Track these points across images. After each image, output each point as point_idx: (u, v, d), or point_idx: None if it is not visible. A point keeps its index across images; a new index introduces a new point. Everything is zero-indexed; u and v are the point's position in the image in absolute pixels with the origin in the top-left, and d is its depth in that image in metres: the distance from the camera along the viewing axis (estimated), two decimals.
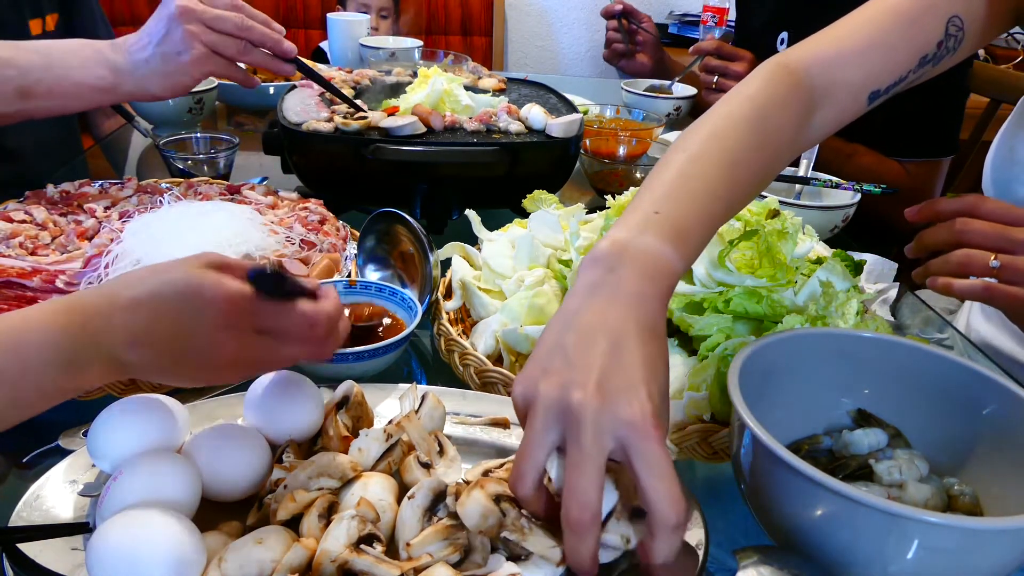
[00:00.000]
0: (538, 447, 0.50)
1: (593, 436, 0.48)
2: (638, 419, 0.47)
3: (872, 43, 0.76)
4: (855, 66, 0.75)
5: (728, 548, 0.57)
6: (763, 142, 0.68)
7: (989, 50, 2.58)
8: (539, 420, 0.50)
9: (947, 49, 0.78)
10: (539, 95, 1.28)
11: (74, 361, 0.51)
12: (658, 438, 0.48)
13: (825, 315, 0.75)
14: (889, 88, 0.77)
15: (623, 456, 0.48)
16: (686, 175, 0.63)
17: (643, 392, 0.49)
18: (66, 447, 0.65)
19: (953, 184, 1.81)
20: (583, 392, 0.48)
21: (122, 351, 0.53)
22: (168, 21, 0.98)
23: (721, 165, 0.64)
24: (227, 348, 0.55)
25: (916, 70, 0.78)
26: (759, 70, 0.74)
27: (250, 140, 1.37)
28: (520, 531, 0.52)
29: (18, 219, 0.95)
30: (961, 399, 0.64)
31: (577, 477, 0.48)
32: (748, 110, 0.69)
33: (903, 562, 0.50)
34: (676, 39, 2.97)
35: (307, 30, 2.87)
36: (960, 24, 0.78)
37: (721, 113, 0.69)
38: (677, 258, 0.57)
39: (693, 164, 0.64)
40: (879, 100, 0.78)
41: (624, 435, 0.48)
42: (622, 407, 0.48)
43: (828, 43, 0.76)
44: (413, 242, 0.88)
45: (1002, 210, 0.75)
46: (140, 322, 0.53)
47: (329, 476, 0.58)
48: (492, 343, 0.80)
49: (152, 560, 0.48)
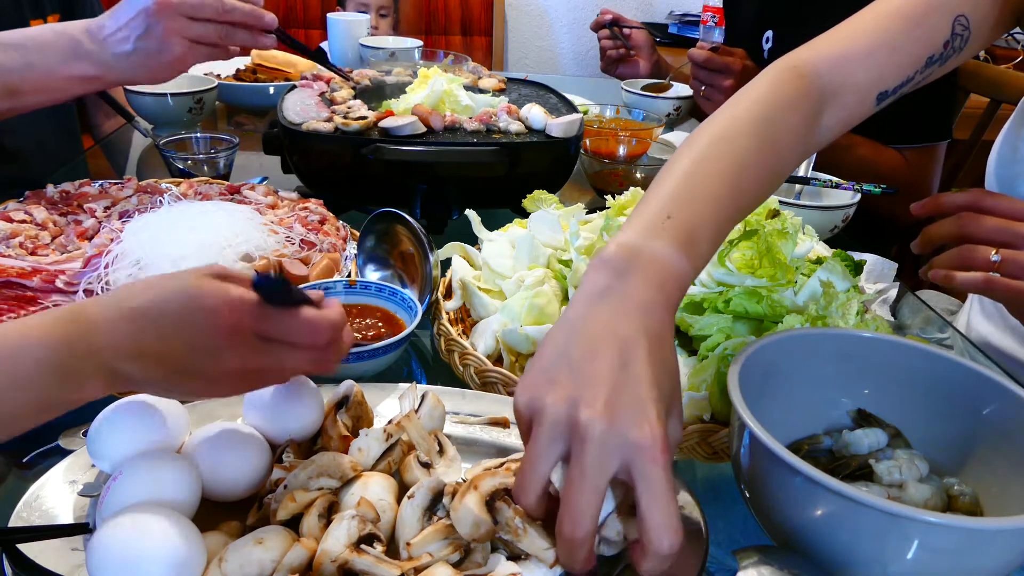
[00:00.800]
0: (543, 460, 0.49)
1: (599, 457, 0.47)
2: (647, 443, 0.47)
3: (879, 44, 0.76)
4: (863, 67, 0.75)
5: (728, 548, 0.57)
6: (770, 145, 0.67)
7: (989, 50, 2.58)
8: (545, 434, 0.49)
9: (953, 49, 0.78)
10: (539, 95, 1.28)
11: (73, 374, 0.51)
12: (664, 463, 0.47)
13: (825, 315, 0.75)
14: (896, 89, 0.77)
15: (627, 476, 0.47)
16: (693, 180, 0.62)
17: (652, 412, 0.48)
18: (66, 447, 0.65)
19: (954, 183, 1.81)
20: (591, 410, 0.47)
21: (123, 363, 0.52)
22: (146, 16, 0.97)
23: (728, 170, 0.63)
24: (230, 356, 0.54)
25: (923, 70, 0.78)
26: (766, 72, 0.74)
27: (250, 140, 1.37)
28: (515, 532, 0.52)
29: (18, 219, 0.95)
30: (961, 399, 0.64)
31: (575, 495, 0.47)
32: (755, 113, 0.68)
33: (903, 562, 0.50)
34: (676, 39, 2.97)
35: (307, 30, 2.87)
36: (966, 23, 0.78)
37: (728, 116, 0.68)
38: (687, 265, 0.56)
39: (700, 167, 0.63)
40: (887, 101, 0.77)
41: (631, 457, 0.47)
42: (631, 429, 0.47)
43: (835, 45, 0.76)
44: (413, 242, 0.88)
45: (1006, 204, 0.75)
46: (142, 332, 0.52)
47: (329, 476, 0.58)
48: (492, 343, 0.80)
49: (152, 560, 0.48)
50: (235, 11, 1.00)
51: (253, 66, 1.71)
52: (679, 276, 0.55)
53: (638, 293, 0.53)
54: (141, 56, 0.98)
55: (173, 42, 0.97)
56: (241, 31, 1.03)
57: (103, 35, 0.99)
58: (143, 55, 0.98)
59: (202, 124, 1.55)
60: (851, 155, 1.48)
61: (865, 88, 0.76)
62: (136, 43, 0.97)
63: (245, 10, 1.01)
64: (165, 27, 0.97)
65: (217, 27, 1.00)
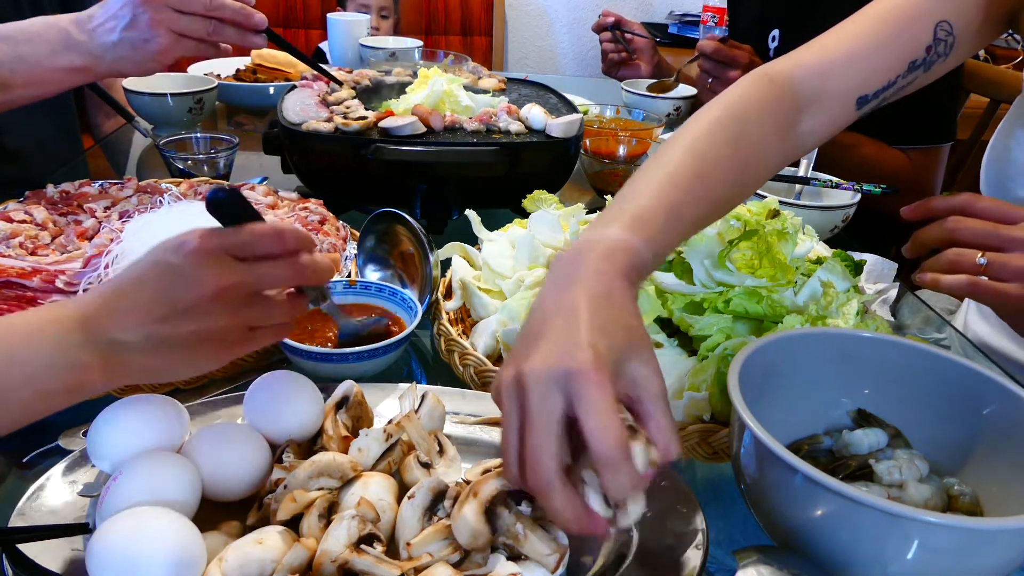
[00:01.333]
0: (510, 431, 0.50)
1: (540, 397, 0.48)
2: (580, 367, 0.47)
3: (858, 50, 0.78)
4: (840, 73, 0.77)
5: (728, 548, 0.57)
6: (735, 141, 0.70)
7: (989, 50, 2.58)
8: (506, 406, 0.50)
9: (937, 54, 0.80)
10: (539, 95, 1.28)
11: (75, 364, 0.52)
12: (598, 381, 0.47)
13: (825, 315, 0.75)
14: (878, 93, 0.79)
15: (571, 410, 0.48)
16: (649, 171, 0.65)
17: (586, 347, 0.48)
18: (66, 447, 0.65)
19: (953, 184, 1.81)
20: (529, 363, 0.49)
21: (116, 332, 0.54)
22: (133, 6, 0.97)
23: (685, 158, 0.66)
24: (207, 277, 0.55)
25: (906, 75, 0.80)
26: (743, 79, 0.76)
27: (250, 140, 1.37)
28: (515, 538, 0.52)
29: (18, 219, 0.95)
30: (961, 399, 0.64)
31: (527, 440, 0.48)
32: (721, 112, 0.71)
33: (903, 562, 0.50)
34: (676, 39, 2.97)
35: (307, 30, 2.87)
36: (949, 29, 0.80)
37: (695, 117, 0.72)
38: (637, 240, 0.58)
39: (658, 159, 0.66)
40: (869, 106, 0.80)
41: (567, 386, 0.47)
42: (565, 362, 0.48)
43: (813, 53, 0.79)
44: (413, 242, 0.88)
45: (994, 208, 0.76)
46: (125, 296, 0.55)
47: (329, 476, 0.58)
48: (492, 343, 0.80)
49: (152, 560, 0.48)
50: (224, 8, 1.00)
51: (253, 66, 1.71)
52: (627, 248, 0.57)
53: (586, 268, 0.55)
54: (127, 47, 0.98)
55: (159, 33, 0.97)
56: (230, 28, 1.02)
57: (91, 25, 0.99)
58: (128, 46, 0.98)
59: (202, 124, 1.55)
60: (855, 154, 1.48)
61: (844, 93, 0.78)
62: (122, 33, 0.97)
63: (234, 7, 1.01)
64: (151, 18, 0.96)
65: (205, 22, 1.00)
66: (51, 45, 0.97)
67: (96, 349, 0.53)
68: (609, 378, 0.48)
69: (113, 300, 0.55)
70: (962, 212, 0.76)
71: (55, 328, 0.53)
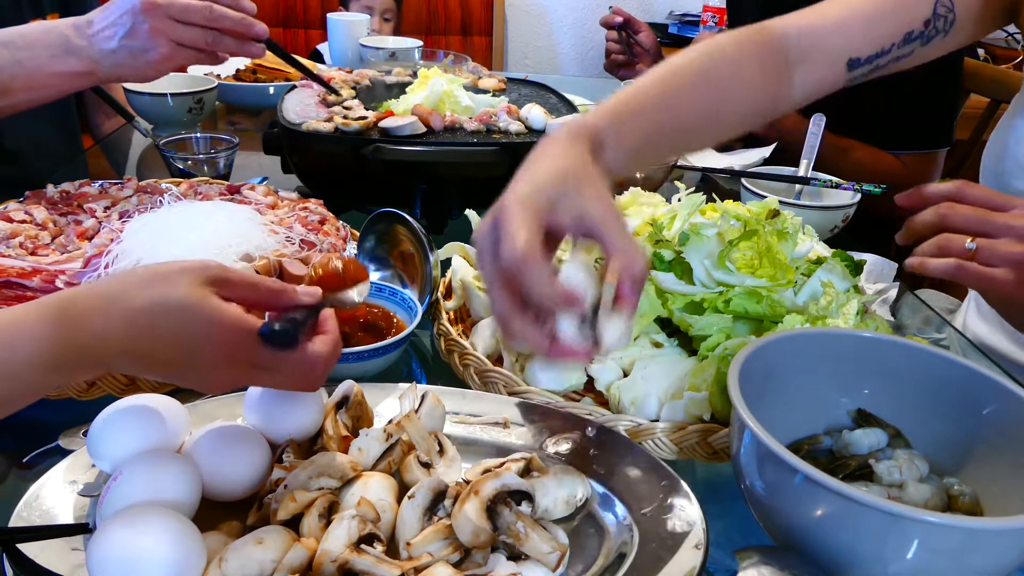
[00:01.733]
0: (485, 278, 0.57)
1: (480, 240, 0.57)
2: (497, 207, 0.56)
3: (853, 15, 0.81)
4: (833, 33, 0.81)
5: (728, 548, 0.57)
6: (705, 72, 0.76)
7: (989, 50, 2.58)
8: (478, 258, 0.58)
9: (936, 29, 0.82)
10: (539, 95, 1.28)
11: (63, 365, 0.51)
12: (508, 209, 0.55)
13: (825, 315, 0.75)
14: (871, 59, 0.82)
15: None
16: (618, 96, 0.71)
17: (510, 190, 0.58)
18: (66, 447, 0.65)
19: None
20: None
21: (113, 359, 0.53)
22: (133, 15, 0.96)
23: (655, 72, 0.74)
24: (222, 373, 0.56)
25: (902, 45, 0.82)
26: (734, 30, 0.81)
27: (250, 140, 1.37)
28: (516, 537, 0.52)
29: (18, 219, 0.95)
30: (961, 399, 0.64)
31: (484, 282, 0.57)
32: (691, 51, 0.77)
33: (903, 562, 0.50)
34: (676, 39, 2.97)
35: (307, 30, 2.87)
36: (950, 6, 0.82)
37: (678, 55, 0.78)
38: (592, 116, 0.66)
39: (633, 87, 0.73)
40: (860, 70, 0.82)
41: (496, 225, 0.56)
42: (493, 208, 0.57)
43: (809, 13, 0.82)
44: (413, 242, 0.88)
45: (986, 195, 0.76)
46: (138, 335, 0.52)
47: (329, 476, 0.58)
48: (492, 343, 0.80)
49: (152, 560, 0.48)
50: (224, 19, 1.00)
51: (253, 66, 1.71)
52: (586, 123, 0.65)
53: (546, 141, 0.63)
54: (126, 54, 0.98)
55: (158, 42, 0.97)
56: (229, 38, 1.02)
57: (91, 31, 0.98)
58: (128, 53, 0.98)
59: (202, 124, 1.54)
60: (848, 158, 1.49)
61: (835, 53, 0.81)
62: (121, 41, 0.97)
63: (235, 19, 1.00)
64: (151, 27, 0.96)
65: (205, 33, 0.99)
66: (51, 50, 0.97)
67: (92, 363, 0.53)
68: (528, 209, 0.55)
69: (122, 339, 0.52)
70: (953, 199, 0.77)
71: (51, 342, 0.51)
